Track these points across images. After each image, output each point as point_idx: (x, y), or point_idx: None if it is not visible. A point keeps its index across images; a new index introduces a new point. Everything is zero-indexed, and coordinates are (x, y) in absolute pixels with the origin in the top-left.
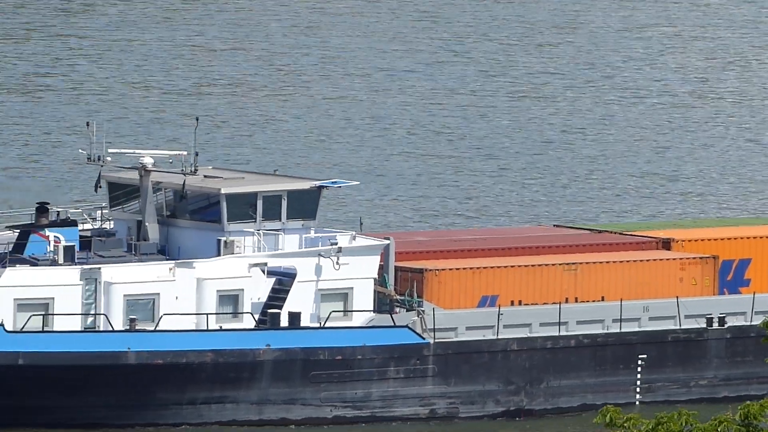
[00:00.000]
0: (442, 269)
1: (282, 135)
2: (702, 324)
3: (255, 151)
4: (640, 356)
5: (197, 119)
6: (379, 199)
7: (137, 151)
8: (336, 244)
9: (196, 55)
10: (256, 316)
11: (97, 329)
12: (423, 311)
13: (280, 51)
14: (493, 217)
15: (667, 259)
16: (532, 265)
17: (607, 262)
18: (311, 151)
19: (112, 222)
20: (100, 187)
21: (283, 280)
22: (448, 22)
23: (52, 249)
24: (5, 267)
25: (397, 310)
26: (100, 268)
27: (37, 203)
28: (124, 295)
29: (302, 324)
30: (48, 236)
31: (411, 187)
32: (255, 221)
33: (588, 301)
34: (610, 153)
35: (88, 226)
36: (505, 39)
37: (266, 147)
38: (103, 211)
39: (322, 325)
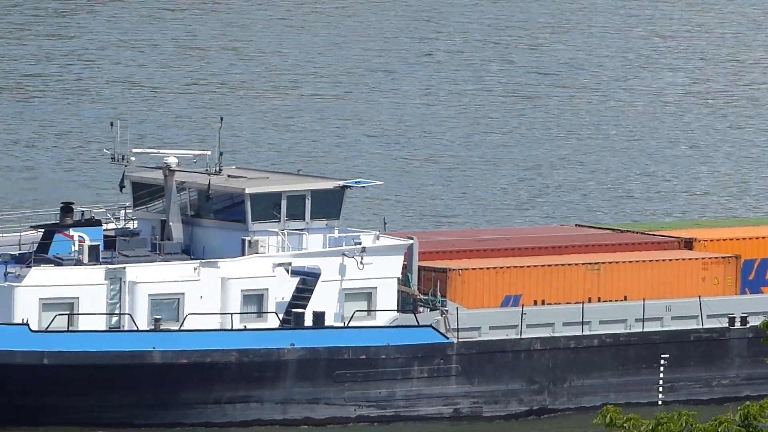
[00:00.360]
0: (466, 269)
1: (306, 135)
2: (724, 323)
3: (277, 151)
4: (662, 356)
5: (221, 119)
6: (402, 199)
7: (161, 150)
8: (360, 243)
9: (217, 55)
10: (281, 316)
11: (121, 329)
12: (446, 311)
13: (301, 51)
14: (514, 216)
15: (690, 259)
16: (555, 265)
17: (630, 262)
18: (335, 150)
19: (135, 222)
20: (124, 186)
21: (308, 280)
22: (461, 21)
23: (76, 249)
24: (30, 267)
25: (421, 309)
26: (124, 268)
27: (62, 203)
28: (149, 295)
29: (326, 323)
30: (72, 236)
31: (435, 186)
32: (279, 221)
33: (611, 301)
34: (629, 153)
35: (111, 225)
36: (525, 37)
37: (290, 147)
38: (127, 211)
39: (346, 324)
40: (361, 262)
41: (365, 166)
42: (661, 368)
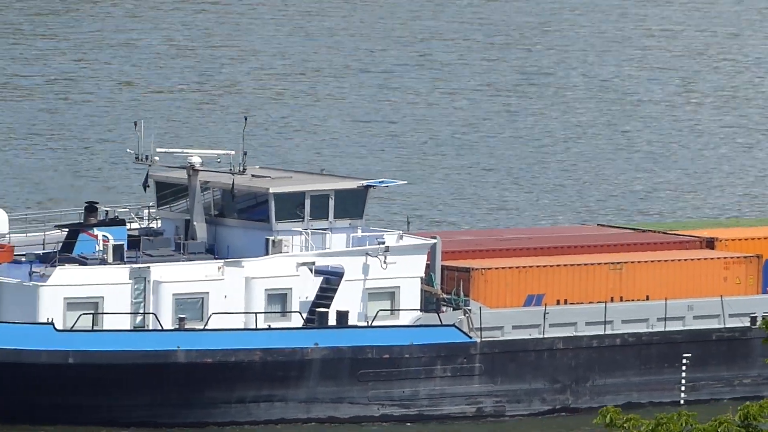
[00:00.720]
0: (489, 268)
1: (329, 135)
2: (746, 323)
3: (301, 151)
4: (684, 355)
5: (246, 119)
6: (426, 199)
7: (185, 150)
8: (383, 243)
9: (239, 55)
10: (304, 315)
11: (146, 328)
12: (470, 310)
13: (330, 51)
14: (534, 216)
15: (711, 259)
16: (578, 265)
17: (652, 262)
18: (358, 150)
19: (159, 221)
20: (148, 186)
21: (331, 279)
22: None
23: (101, 248)
24: (55, 266)
25: (444, 309)
26: (149, 267)
27: (86, 202)
28: (173, 294)
29: (350, 323)
30: (97, 235)
31: (457, 186)
32: (303, 220)
33: (633, 300)
34: (649, 153)
35: (135, 225)
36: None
37: (315, 147)
38: (150, 211)
39: (369, 324)
40: (385, 262)
41: (388, 166)
42: (683, 367)
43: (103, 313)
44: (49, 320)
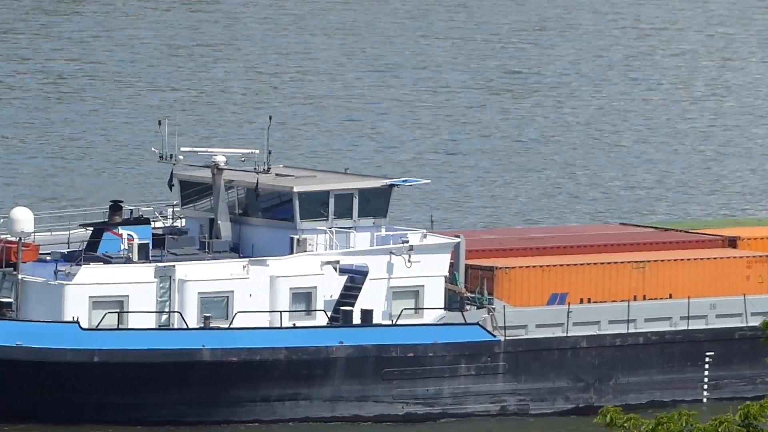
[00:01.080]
0: (512, 267)
1: (353, 134)
2: None
3: (324, 150)
4: (707, 353)
5: (270, 118)
6: (449, 197)
7: (210, 149)
8: (407, 242)
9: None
10: (329, 314)
11: (171, 327)
12: (493, 309)
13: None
14: (555, 214)
15: (734, 257)
16: (601, 263)
17: (675, 260)
18: (381, 148)
19: (183, 220)
20: (173, 185)
21: (356, 278)
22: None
23: (125, 247)
24: (80, 265)
25: (468, 307)
26: (174, 266)
27: (111, 201)
28: (199, 293)
29: (374, 321)
30: (121, 234)
31: (481, 185)
32: (327, 219)
33: (656, 299)
34: (670, 152)
35: (159, 224)
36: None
37: (339, 147)
38: (174, 209)
39: (393, 322)
40: (409, 261)
41: (412, 165)
42: (706, 366)
43: (128, 312)
44: (75, 319)
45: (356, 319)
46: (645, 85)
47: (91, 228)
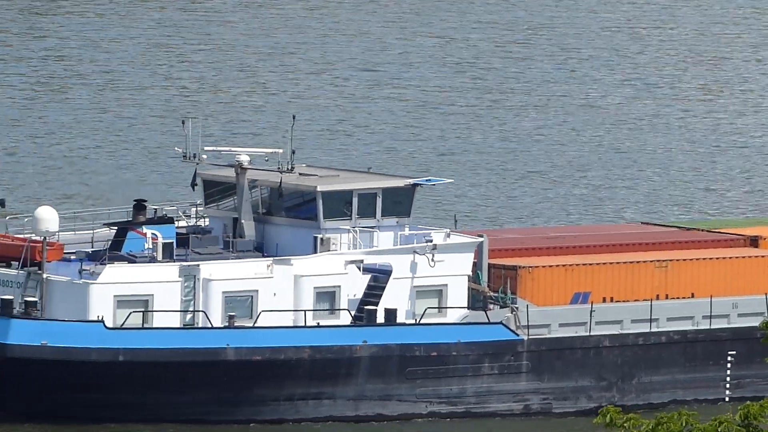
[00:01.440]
0: (536, 266)
1: (376, 134)
2: None
3: (347, 149)
4: (729, 352)
5: (294, 117)
6: (472, 197)
7: (233, 149)
8: (431, 241)
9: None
10: (353, 313)
11: (195, 326)
12: (516, 308)
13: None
14: (576, 214)
15: (756, 257)
16: (624, 262)
17: (697, 260)
18: (405, 147)
19: (206, 219)
20: (196, 184)
21: (379, 277)
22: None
23: (150, 246)
24: (105, 264)
25: (491, 306)
26: (198, 265)
27: (135, 200)
28: (223, 292)
29: (398, 320)
30: (145, 233)
31: (504, 184)
32: (350, 218)
33: (678, 298)
34: (689, 151)
35: (182, 223)
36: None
37: (361, 146)
38: (198, 209)
39: (417, 321)
40: (432, 260)
41: (435, 164)
42: (728, 365)
43: (153, 311)
44: (100, 318)
45: (380, 318)
46: (669, 84)
47: (115, 227)
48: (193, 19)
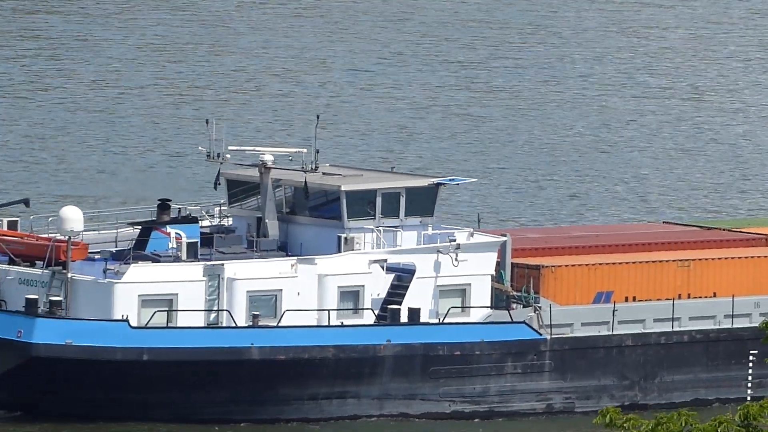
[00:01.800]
0: (558, 266)
1: (400, 133)
2: None
3: (370, 149)
4: (751, 352)
5: (318, 117)
6: (496, 196)
7: (257, 148)
8: (454, 240)
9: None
10: (376, 312)
11: (220, 325)
12: (539, 307)
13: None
14: (595, 213)
15: None
16: (646, 262)
17: (719, 259)
18: (428, 147)
19: (230, 219)
20: (219, 184)
21: (403, 277)
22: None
23: (174, 245)
24: (129, 263)
25: (514, 306)
26: (222, 265)
27: (159, 200)
28: (247, 292)
29: (421, 320)
30: (169, 233)
31: (527, 184)
32: (374, 218)
33: (700, 298)
34: (706, 150)
35: (206, 222)
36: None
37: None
38: (222, 208)
39: (440, 321)
40: (456, 259)
41: (458, 164)
42: (750, 364)
43: (177, 310)
44: (124, 317)
45: (403, 317)
46: (691, 84)
47: (140, 227)
48: (228, 20)
